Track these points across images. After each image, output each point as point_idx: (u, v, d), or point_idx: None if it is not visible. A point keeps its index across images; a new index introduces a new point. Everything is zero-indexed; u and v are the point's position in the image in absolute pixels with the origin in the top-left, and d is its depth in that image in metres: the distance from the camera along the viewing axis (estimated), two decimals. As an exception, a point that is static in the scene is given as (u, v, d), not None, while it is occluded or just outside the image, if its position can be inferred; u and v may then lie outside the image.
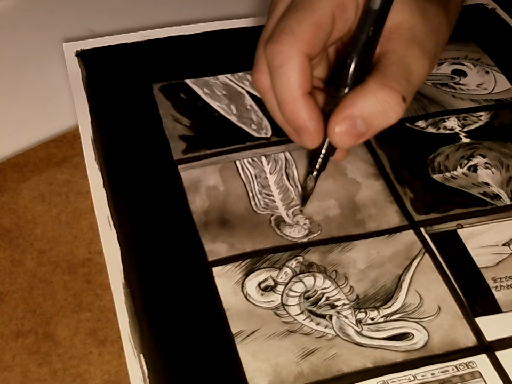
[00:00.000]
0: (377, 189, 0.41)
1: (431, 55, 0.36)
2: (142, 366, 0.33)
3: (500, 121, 0.45)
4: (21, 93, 0.47)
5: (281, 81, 0.35)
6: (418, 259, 0.37)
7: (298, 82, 0.35)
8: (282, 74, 0.35)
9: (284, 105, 0.36)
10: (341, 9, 0.35)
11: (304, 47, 0.35)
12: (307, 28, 0.35)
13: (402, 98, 0.33)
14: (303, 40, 0.35)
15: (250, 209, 0.40)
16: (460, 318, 0.35)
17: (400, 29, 0.35)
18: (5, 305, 0.35)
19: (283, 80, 0.35)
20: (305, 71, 0.35)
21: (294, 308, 0.35)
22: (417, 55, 0.35)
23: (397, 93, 0.33)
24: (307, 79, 0.35)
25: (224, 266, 0.37)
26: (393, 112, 0.34)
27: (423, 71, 0.35)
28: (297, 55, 0.35)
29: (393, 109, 0.33)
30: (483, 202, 0.40)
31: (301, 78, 0.35)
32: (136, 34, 0.49)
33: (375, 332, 0.35)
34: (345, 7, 0.35)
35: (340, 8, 0.35)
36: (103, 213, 0.39)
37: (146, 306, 0.35)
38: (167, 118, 0.44)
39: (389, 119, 0.34)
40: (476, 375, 0.33)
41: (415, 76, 0.35)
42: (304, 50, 0.35)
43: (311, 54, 0.35)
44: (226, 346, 0.34)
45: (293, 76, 0.35)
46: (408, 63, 0.35)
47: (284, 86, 0.35)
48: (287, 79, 0.35)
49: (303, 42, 0.35)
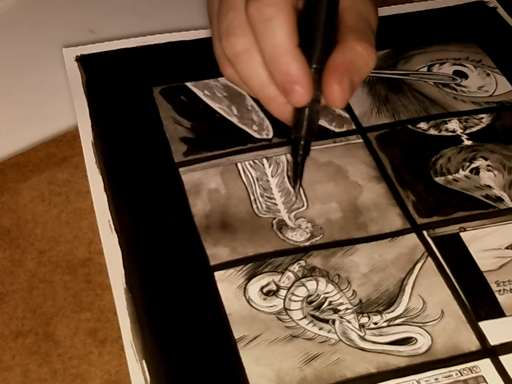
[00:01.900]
0: (379, 192, 0.41)
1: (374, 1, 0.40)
2: (144, 372, 0.33)
3: (501, 123, 0.45)
4: (21, 93, 0.47)
5: (273, 33, 0.35)
6: (421, 263, 0.37)
7: (291, 34, 0.35)
8: (273, 27, 0.35)
9: (277, 59, 0.35)
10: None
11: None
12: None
13: (374, 46, 0.37)
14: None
15: (252, 212, 0.39)
16: (463, 322, 0.35)
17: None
18: (5, 305, 0.35)
19: (275, 32, 0.35)
20: (295, 22, 0.35)
21: (296, 313, 0.35)
22: (368, 5, 0.39)
23: (370, 43, 0.37)
24: (296, 30, 0.35)
25: (226, 270, 0.37)
26: (372, 61, 0.37)
27: (376, 17, 0.39)
28: (285, 6, 0.35)
29: (372, 57, 0.37)
30: (485, 205, 0.40)
31: (293, 29, 0.35)
32: (136, 39, 0.49)
33: (378, 336, 0.34)
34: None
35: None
36: (104, 217, 0.39)
37: (148, 311, 0.35)
38: (167, 120, 0.44)
39: (370, 67, 0.37)
40: (479, 379, 0.33)
41: (373, 25, 0.39)
42: (291, 3, 0.35)
43: (295, 6, 0.36)
44: (228, 351, 0.34)
45: (285, 27, 0.35)
46: (366, 16, 0.38)
47: (277, 38, 0.35)
48: (280, 31, 0.35)
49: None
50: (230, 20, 0.37)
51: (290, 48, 0.35)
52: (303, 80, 0.35)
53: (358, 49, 0.36)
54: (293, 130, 0.38)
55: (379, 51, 0.48)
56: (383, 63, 0.48)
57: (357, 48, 0.36)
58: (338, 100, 0.36)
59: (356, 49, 0.36)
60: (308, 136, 0.37)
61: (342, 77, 0.36)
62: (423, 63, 0.49)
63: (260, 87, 0.38)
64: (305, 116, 0.37)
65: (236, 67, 0.38)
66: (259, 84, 0.38)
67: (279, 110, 0.38)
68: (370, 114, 0.45)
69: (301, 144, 0.37)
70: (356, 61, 0.36)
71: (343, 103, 0.36)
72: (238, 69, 0.38)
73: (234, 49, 0.37)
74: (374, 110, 0.46)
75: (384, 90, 0.47)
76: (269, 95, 0.38)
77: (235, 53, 0.37)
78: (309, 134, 0.37)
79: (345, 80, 0.36)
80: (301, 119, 0.37)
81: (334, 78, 0.36)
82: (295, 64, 0.35)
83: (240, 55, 0.37)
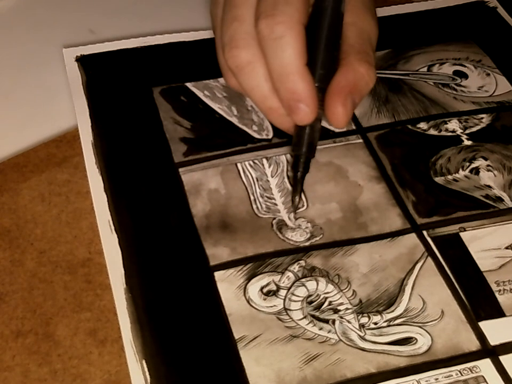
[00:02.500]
0: (379, 192, 0.41)
1: (375, 13, 0.40)
2: (145, 372, 0.33)
3: (501, 123, 0.45)
4: (21, 93, 0.47)
5: (282, 52, 0.35)
6: (421, 263, 0.37)
7: (300, 53, 0.35)
8: (284, 45, 0.35)
9: (285, 77, 0.36)
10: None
11: (301, 16, 0.35)
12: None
13: (374, 66, 0.38)
14: (299, 10, 0.35)
15: (252, 212, 0.39)
16: (463, 322, 0.35)
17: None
18: (5, 305, 0.35)
19: (285, 50, 0.35)
20: (304, 40, 0.35)
21: (296, 313, 0.35)
22: (369, 20, 0.39)
23: (371, 63, 0.37)
24: (305, 49, 0.36)
25: (226, 270, 0.37)
26: (372, 81, 0.37)
27: (377, 32, 0.39)
28: (296, 25, 0.35)
29: (372, 78, 0.37)
30: (485, 205, 0.40)
31: (302, 48, 0.35)
32: (136, 40, 0.49)
33: (378, 336, 0.34)
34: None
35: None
36: (104, 217, 0.39)
37: (148, 311, 0.35)
38: (167, 120, 0.44)
39: (370, 87, 0.38)
40: (479, 379, 0.33)
41: (374, 42, 0.39)
42: (301, 20, 0.35)
43: (304, 24, 0.36)
44: (229, 351, 0.34)
45: (295, 46, 0.35)
46: (367, 33, 0.39)
47: (286, 56, 0.35)
48: (290, 49, 0.35)
49: (299, 12, 0.35)
50: (233, 31, 0.37)
51: (299, 67, 0.35)
52: (309, 100, 0.36)
53: (360, 71, 0.37)
54: (294, 147, 0.38)
55: (379, 51, 0.48)
56: (383, 63, 0.48)
57: (359, 69, 0.37)
58: (341, 121, 0.36)
59: (359, 71, 0.37)
60: (308, 154, 0.37)
61: (346, 99, 0.36)
62: (423, 63, 0.49)
63: (261, 99, 0.38)
64: (306, 134, 0.37)
65: (238, 78, 0.38)
66: (261, 96, 0.38)
67: (280, 121, 0.39)
68: (370, 114, 0.45)
69: (301, 162, 0.38)
70: (358, 82, 0.37)
71: (345, 123, 0.37)
72: (240, 81, 0.38)
73: (237, 61, 0.37)
74: (374, 110, 0.46)
75: (384, 90, 0.47)
76: (271, 106, 0.38)
77: (237, 64, 0.37)
78: (309, 152, 0.37)
79: (348, 102, 0.36)
80: (302, 136, 0.37)
81: (338, 100, 0.36)
82: (303, 83, 0.35)
83: (243, 67, 0.37)
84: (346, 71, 0.37)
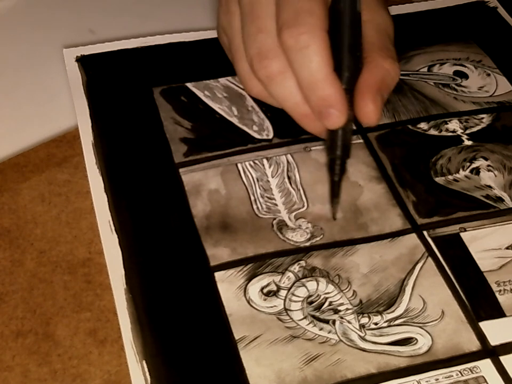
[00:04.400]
0: (380, 192, 0.41)
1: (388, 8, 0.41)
2: (145, 372, 0.33)
3: (502, 123, 0.45)
4: (21, 93, 0.47)
5: (309, 61, 0.36)
6: (421, 263, 0.37)
7: (327, 60, 0.36)
8: (310, 54, 0.36)
9: (315, 85, 0.36)
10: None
11: (323, 24, 0.36)
12: (321, 5, 0.36)
13: (397, 60, 0.39)
14: (321, 18, 0.36)
15: (252, 213, 0.39)
16: (464, 323, 0.35)
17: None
18: (5, 305, 0.35)
19: (312, 59, 0.36)
20: (329, 47, 0.36)
21: (297, 313, 0.35)
22: (385, 16, 0.40)
23: (394, 58, 0.38)
24: (331, 55, 0.36)
25: (226, 271, 0.37)
26: (397, 75, 0.38)
27: (393, 27, 0.40)
28: (320, 33, 0.36)
29: (397, 72, 0.38)
30: (486, 205, 0.40)
31: (328, 54, 0.36)
32: (136, 40, 0.49)
33: (378, 336, 0.34)
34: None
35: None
36: (104, 217, 0.39)
37: (148, 311, 0.35)
38: (167, 121, 0.44)
39: (396, 81, 0.39)
40: (480, 380, 0.33)
41: (392, 36, 0.40)
42: (324, 27, 0.36)
43: (327, 30, 0.36)
44: (229, 352, 0.34)
45: (321, 54, 0.36)
46: (384, 28, 0.40)
47: (314, 65, 0.36)
48: (316, 58, 0.36)
49: (321, 20, 0.36)
50: (261, 43, 0.38)
51: (327, 74, 0.36)
52: (339, 104, 0.36)
53: (385, 66, 0.37)
54: (329, 151, 0.38)
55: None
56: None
57: (384, 65, 0.37)
58: (373, 118, 0.37)
59: (384, 67, 0.37)
60: (343, 157, 0.38)
61: (376, 96, 0.37)
62: (423, 64, 0.49)
63: (294, 107, 0.39)
64: (339, 137, 0.37)
65: (269, 88, 0.39)
66: (293, 104, 0.39)
67: (313, 126, 0.39)
68: (371, 114, 0.45)
69: (337, 165, 0.38)
70: (385, 78, 0.38)
71: (377, 120, 0.37)
72: (271, 90, 0.39)
73: (268, 71, 0.38)
74: (374, 110, 0.45)
75: (384, 90, 0.47)
76: (304, 113, 0.38)
77: (269, 75, 0.38)
78: (344, 154, 0.38)
79: (378, 99, 0.37)
80: (336, 139, 0.38)
81: (369, 98, 0.37)
82: (332, 89, 0.36)
83: (275, 77, 0.38)
84: (371, 68, 0.37)
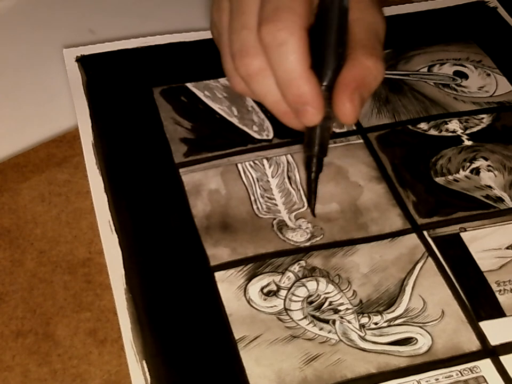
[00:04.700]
0: (380, 192, 0.41)
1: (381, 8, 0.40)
2: (145, 372, 0.33)
3: (502, 123, 0.45)
4: (21, 93, 0.47)
5: (286, 58, 0.35)
6: (421, 263, 0.37)
7: (303, 57, 0.35)
8: (287, 51, 0.35)
9: (290, 82, 0.36)
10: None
11: (303, 21, 0.35)
12: (303, 3, 0.36)
13: (382, 60, 0.37)
14: (301, 15, 0.35)
15: (252, 213, 0.39)
16: (464, 322, 0.35)
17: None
18: (5, 305, 0.35)
19: (288, 56, 0.35)
20: (307, 44, 0.36)
21: (297, 313, 0.35)
22: (376, 15, 0.39)
23: (379, 57, 0.37)
24: (308, 52, 0.36)
25: (226, 271, 0.37)
26: (381, 75, 0.37)
27: (384, 27, 0.39)
28: (299, 30, 0.35)
29: (380, 71, 0.37)
30: (486, 205, 0.40)
31: (305, 52, 0.35)
32: (136, 40, 0.49)
33: (378, 336, 0.34)
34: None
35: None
36: (104, 217, 0.39)
37: (148, 311, 0.35)
38: (167, 121, 0.44)
39: (379, 81, 0.38)
40: (480, 380, 0.33)
41: (382, 36, 0.39)
42: (303, 25, 0.35)
43: (307, 28, 0.36)
44: (229, 352, 0.34)
45: (298, 51, 0.35)
46: (375, 27, 0.39)
47: (290, 62, 0.35)
48: (292, 55, 0.35)
49: (301, 17, 0.35)
50: (243, 39, 0.37)
51: (303, 72, 0.36)
52: (315, 101, 0.36)
53: (367, 64, 0.36)
54: (306, 148, 0.38)
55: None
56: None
57: (366, 63, 0.36)
58: (350, 117, 0.36)
59: (365, 65, 0.36)
60: (319, 154, 0.38)
61: (353, 94, 0.36)
62: (423, 64, 0.49)
63: (274, 104, 0.38)
64: (316, 134, 0.37)
65: (249, 86, 0.38)
66: (273, 102, 0.38)
67: (295, 122, 0.39)
68: (371, 114, 0.45)
69: (313, 162, 0.38)
70: (366, 77, 0.36)
71: (354, 119, 0.37)
72: (251, 88, 0.38)
73: (248, 69, 0.37)
74: (374, 110, 0.46)
75: (384, 90, 0.47)
76: (284, 110, 0.38)
77: (249, 73, 0.37)
78: (320, 151, 0.38)
79: (356, 97, 0.36)
80: (313, 137, 0.37)
81: (345, 96, 0.36)
82: (307, 86, 0.36)
83: (255, 75, 0.37)
84: (352, 66, 0.36)
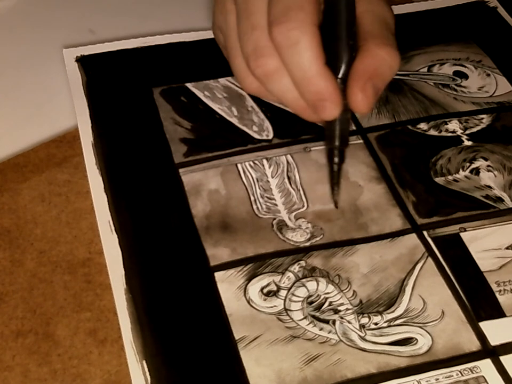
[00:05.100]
0: (379, 192, 0.41)
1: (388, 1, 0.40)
2: (145, 372, 0.33)
3: (501, 124, 0.45)
4: (21, 93, 0.47)
5: (300, 57, 0.36)
6: (421, 263, 0.37)
7: (317, 55, 0.36)
8: (300, 50, 0.35)
9: (307, 80, 0.36)
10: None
11: (313, 19, 0.36)
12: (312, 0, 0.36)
13: (396, 48, 0.37)
14: (311, 13, 0.36)
15: (252, 213, 0.39)
16: (464, 323, 0.35)
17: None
18: (5, 305, 0.35)
19: (303, 55, 0.35)
20: (320, 40, 0.36)
21: (297, 313, 0.35)
22: (384, 6, 0.39)
23: (391, 46, 0.37)
24: (322, 48, 0.36)
25: (226, 271, 0.37)
26: (396, 63, 0.37)
27: (393, 17, 0.39)
28: (310, 29, 0.35)
29: (395, 60, 0.37)
30: (486, 205, 0.40)
31: (319, 49, 0.36)
32: (136, 40, 0.49)
33: (378, 337, 0.34)
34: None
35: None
36: (104, 217, 0.39)
37: (148, 311, 0.35)
38: (167, 121, 0.44)
39: (395, 69, 0.38)
40: (480, 380, 0.33)
41: (391, 26, 0.39)
42: (314, 22, 0.36)
43: (317, 24, 0.36)
44: (229, 352, 0.34)
45: (311, 49, 0.35)
46: (383, 17, 0.39)
47: (305, 61, 0.36)
48: (306, 54, 0.35)
49: (311, 15, 0.36)
50: (256, 40, 0.37)
51: (319, 69, 0.36)
52: (333, 97, 0.36)
53: (380, 54, 0.37)
54: (327, 141, 0.38)
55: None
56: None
57: (378, 53, 0.37)
58: (363, 107, 0.37)
59: (378, 55, 0.37)
60: (341, 146, 0.38)
61: (365, 84, 0.36)
62: (423, 64, 0.49)
63: (293, 101, 0.38)
64: (336, 127, 0.37)
65: (267, 86, 0.38)
66: (292, 98, 0.38)
67: (314, 117, 0.39)
68: (371, 115, 0.45)
69: (335, 154, 0.38)
70: (379, 67, 0.37)
71: (368, 109, 0.37)
72: (269, 88, 0.38)
73: (265, 69, 0.37)
74: (374, 110, 0.46)
75: (384, 91, 0.46)
76: (304, 106, 0.38)
77: (266, 73, 0.37)
78: (342, 143, 0.38)
79: (368, 88, 0.36)
80: (333, 130, 0.38)
81: (358, 87, 0.36)
82: (324, 82, 0.36)
83: (272, 74, 0.37)
84: (364, 57, 0.37)
